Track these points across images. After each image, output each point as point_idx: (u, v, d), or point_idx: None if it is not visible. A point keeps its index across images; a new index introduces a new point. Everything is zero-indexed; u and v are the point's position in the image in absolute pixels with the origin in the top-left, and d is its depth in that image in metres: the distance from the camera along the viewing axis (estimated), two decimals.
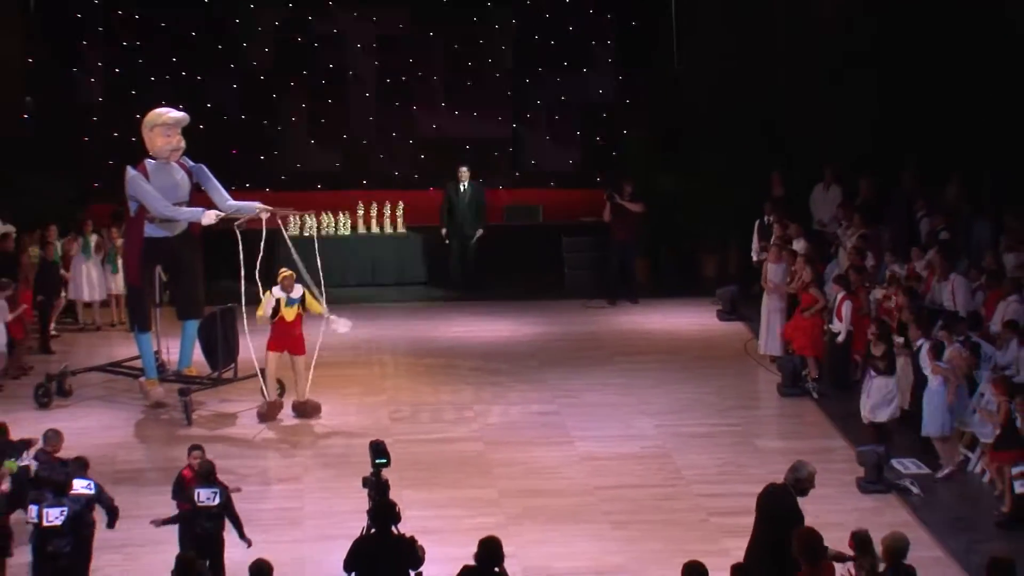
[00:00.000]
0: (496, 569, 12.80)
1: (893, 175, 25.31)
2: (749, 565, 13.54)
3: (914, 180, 24.97)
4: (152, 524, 14.96)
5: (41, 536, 14.19)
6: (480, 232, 26.51)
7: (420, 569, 13.12)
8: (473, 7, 28.98)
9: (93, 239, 24.20)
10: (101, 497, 14.82)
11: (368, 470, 13.89)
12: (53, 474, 14.76)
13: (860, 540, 12.95)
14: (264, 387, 20.31)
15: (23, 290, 22.35)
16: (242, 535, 14.76)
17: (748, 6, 26.83)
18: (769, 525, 13.66)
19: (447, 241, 26.52)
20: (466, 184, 26.58)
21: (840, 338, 20.89)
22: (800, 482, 14.08)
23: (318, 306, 20.32)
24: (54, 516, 14.15)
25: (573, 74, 29.00)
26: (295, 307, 20.03)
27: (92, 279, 24.15)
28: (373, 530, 13.34)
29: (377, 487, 13.79)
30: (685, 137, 27.66)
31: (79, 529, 14.39)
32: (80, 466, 14.94)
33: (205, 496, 14.67)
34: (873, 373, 18.84)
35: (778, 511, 13.75)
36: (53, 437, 15.80)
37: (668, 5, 28.29)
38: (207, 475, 14.83)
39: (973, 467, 18.18)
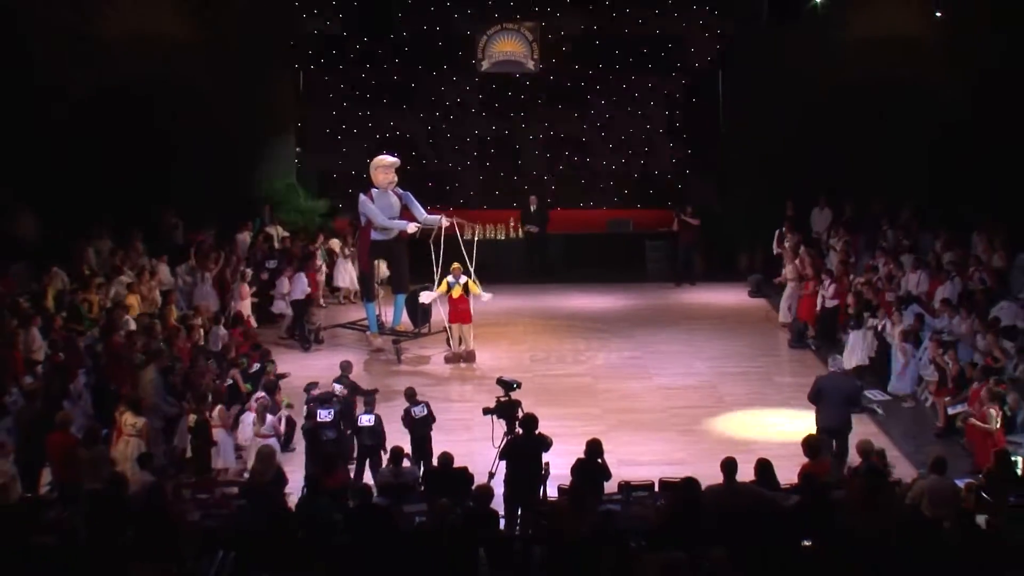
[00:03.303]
0: (599, 460, 12.81)
1: (867, 201, 24.90)
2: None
3: (880, 205, 24.56)
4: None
5: (318, 428, 14.72)
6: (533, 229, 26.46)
7: (548, 454, 13.08)
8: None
9: (337, 244, 24.39)
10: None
11: (491, 403, 13.97)
12: (323, 392, 15.34)
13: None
14: (449, 342, 20.45)
15: (310, 275, 22.57)
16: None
17: (774, 84, 26.11)
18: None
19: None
20: (534, 207, 26.54)
21: (826, 305, 20.69)
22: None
23: (477, 290, 20.30)
24: (324, 415, 14.72)
25: (652, 131, 28.60)
26: (459, 287, 20.08)
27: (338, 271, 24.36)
28: (520, 431, 13.37)
29: (509, 406, 13.76)
30: (726, 174, 27.35)
31: (340, 424, 14.87)
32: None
33: (417, 411, 14.83)
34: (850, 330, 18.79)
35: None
36: (347, 367, 16.28)
37: (717, 84, 27.92)
38: (412, 396, 14.97)
39: (919, 396, 17.90)
